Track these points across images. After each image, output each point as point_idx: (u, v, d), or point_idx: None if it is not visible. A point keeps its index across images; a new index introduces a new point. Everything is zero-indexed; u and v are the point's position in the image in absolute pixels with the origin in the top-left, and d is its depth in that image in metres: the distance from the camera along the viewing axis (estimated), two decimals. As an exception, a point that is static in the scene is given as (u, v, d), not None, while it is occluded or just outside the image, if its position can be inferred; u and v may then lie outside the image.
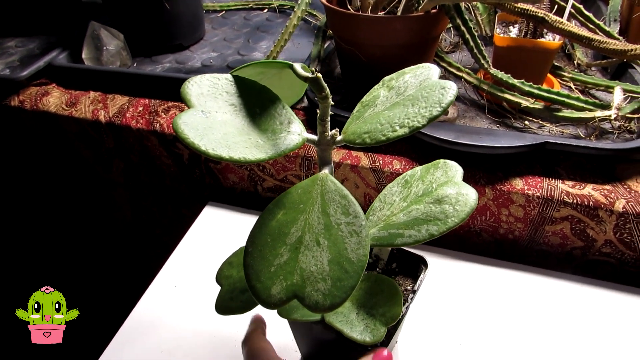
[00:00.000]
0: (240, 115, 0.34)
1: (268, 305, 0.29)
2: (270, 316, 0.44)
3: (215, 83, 0.34)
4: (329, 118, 0.34)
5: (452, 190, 0.36)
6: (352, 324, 0.37)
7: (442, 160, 0.40)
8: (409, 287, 0.43)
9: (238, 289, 0.39)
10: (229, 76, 0.35)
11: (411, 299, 0.41)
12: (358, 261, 0.29)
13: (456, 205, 0.34)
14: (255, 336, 0.44)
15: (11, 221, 1.08)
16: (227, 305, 0.38)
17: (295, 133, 0.34)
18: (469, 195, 0.35)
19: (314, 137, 0.35)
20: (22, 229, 1.10)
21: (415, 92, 0.34)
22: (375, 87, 0.37)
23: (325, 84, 0.32)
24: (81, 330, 0.65)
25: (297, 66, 0.32)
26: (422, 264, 0.45)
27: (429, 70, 0.35)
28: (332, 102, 0.34)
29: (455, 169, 0.38)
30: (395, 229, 0.36)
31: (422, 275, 0.44)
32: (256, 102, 0.35)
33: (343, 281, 0.28)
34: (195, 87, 0.33)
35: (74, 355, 0.86)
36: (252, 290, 0.30)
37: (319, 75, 0.31)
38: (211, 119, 0.32)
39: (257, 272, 0.30)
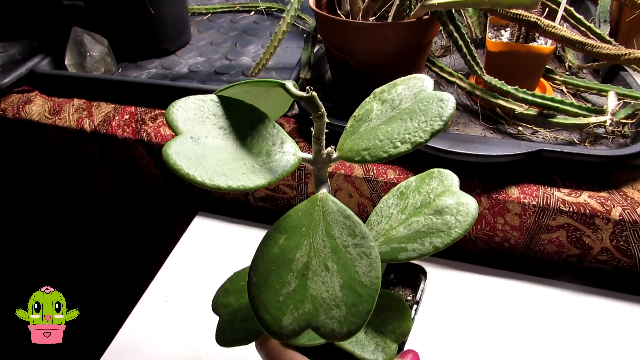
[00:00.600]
0: (231, 138, 0.32)
1: (280, 337, 0.28)
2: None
3: (200, 105, 0.32)
4: (324, 136, 0.33)
5: (451, 200, 0.35)
6: (362, 345, 0.36)
7: (436, 170, 0.39)
8: (409, 298, 0.42)
9: (239, 318, 0.37)
10: (214, 97, 0.33)
11: (415, 310, 0.41)
12: (371, 284, 0.28)
13: (458, 215, 0.34)
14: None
15: (10, 223, 1.06)
16: (229, 336, 0.37)
17: (290, 153, 0.32)
18: (470, 205, 0.34)
19: (309, 157, 0.34)
20: (21, 231, 1.08)
21: (412, 105, 0.32)
22: (367, 100, 0.36)
23: (321, 103, 0.31)
24: (81, 331, 0.64)
25: (291, 86, 0.30)
26: (420, 273, 0.44)
27: (422, 82, 0.34)
28: (327, 120, 0.33)
29: (451, 178, 0.38)
30: (397, 243, 0.35)
31: (422, 285, 0.43)
32: (245, 123, 0.33)
33: (358, 306, 0.27)
34: (181, 112, 0.31)
35: (74, 355, 0.85)
36: (261, 322, 0.28)
37: (314, 94, 0.30)
38: (202, 145, 0.30)
39: (264, 302, 0.28)
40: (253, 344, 0.37)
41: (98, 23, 0.84)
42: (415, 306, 0.41)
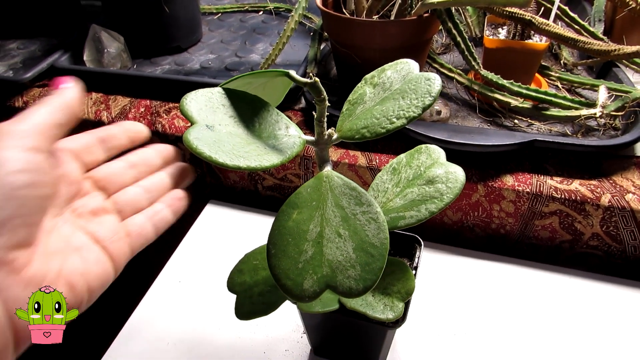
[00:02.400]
0: (242, 125, 0.36)
1: (302, 299, 0.31)
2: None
3: (209, 97, 0.36)
4: (325, 119, 0.37)
5: (440, 170, 0.39)
6: (372, 306, 0.40)
7: (423, 145, 0.42)
8: (407, 265, 0.45)
9: (256, 292, 0.41)
10: (220, 89, 0.37)
11: (414, 275, 0.44)
12: (381, 244, 0.31)
13: (448, 183, 0.37)
14: None
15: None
16: (248, 309, 0.40)
17: (295, 136, 0.36)
18: (458, 173, 0.38)
19: (312, 138, 0.37)
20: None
21: (402, 86, 0.36)
22: (359, 85, 0.40)
23: (322, 88, 0.34)
24: (82, 330, 0.66)
25: (295, 74, 0.34)
26: (415, 243, 0.48)
27: (409, 65, 0.38)
28: (329, 104, 0.37)
29: (438, 152, 0.41)
30: (395, 213, 0.38)
31: (418, 253, 0.47)
32: (252, 112, 0.37)
33: (371, 264, 0.31)
34: (194, 103, 0.35)
35: (75, 355, 0.87)
36: (283, 288, 0.31)
37: (317, 79, 0.34)
38: (217, 132, 0.34)
39: (285, 270, 0.31)
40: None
41: (114, 21, 0.88)
42: (414, 271, 0.44)
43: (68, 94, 0.30)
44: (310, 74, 0.33)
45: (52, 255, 0.24)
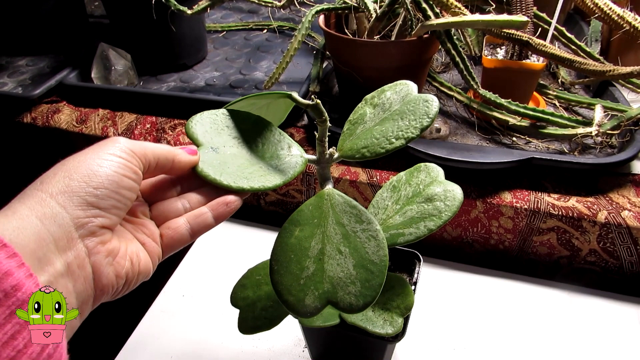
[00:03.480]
0: (246, 146, 0.37)
1: (304, 315, 0.32)
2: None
3: (214, 119, 0.37)
4: (327, 138, 0.38)
5: (438, 188, 0.40)
6: (372, 321, 0.41)
7: (422, 164, 0.44)
8: (407, 280, 0.46)
9: (258, 307, 0.42)
10: (224, 111, 0.38)
11: (414, 290, 0.45)
12: (380, 261, 0.32)
13: (446, 201, 0.39)
14: None
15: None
16: (251, 324, 0.41)
17: (297, 156, 0.37)
18: (456, 191, 0.39)
19: (314, 157, 0.39)
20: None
21: (401, 107, 0.37)
22: (360, 105, 0.41)
23: (324, 109, 0.35)
24: (88, 343, 0.67)
25: (297, 96, 0.36)
26: (415, 258, 0.49)
27: (408, 86, 0.39)
28: (331, 122, 0.38)
29: (437, 170, 0.43)
30: (394, 230, 0.39)
31: (417, 269, 0.48)
32: (255, 132, 0.38)
33: (371, 281, 0.32)
34: (199, 126, 0.36)
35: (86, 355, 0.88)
36: (285, 304, 0.32)
37: (319, 101, 0.35)
38: (222, 154, 0.35)
39: (287, 287, 0.33)
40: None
41: (122, 39, 0.90)
42: (413, 287, 0.45)
43: (183, 157, 0.35)
44: (313, 96, 0.35)
45: (121, 239, 0.31)
